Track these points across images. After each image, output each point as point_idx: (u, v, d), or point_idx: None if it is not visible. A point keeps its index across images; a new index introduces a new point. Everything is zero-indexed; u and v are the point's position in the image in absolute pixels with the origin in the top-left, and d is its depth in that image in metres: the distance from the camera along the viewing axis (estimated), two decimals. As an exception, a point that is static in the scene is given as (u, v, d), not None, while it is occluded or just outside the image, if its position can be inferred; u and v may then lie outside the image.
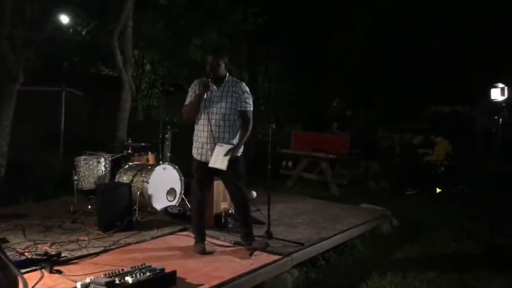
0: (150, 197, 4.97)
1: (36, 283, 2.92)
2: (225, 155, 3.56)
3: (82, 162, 5.10)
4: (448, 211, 6.35)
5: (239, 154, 3.75)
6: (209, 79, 3.60)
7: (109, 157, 5.30)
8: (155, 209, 5.02)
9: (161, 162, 5.37)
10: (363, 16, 11.04)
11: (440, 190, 7.55)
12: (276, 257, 3.64)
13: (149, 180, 4.96)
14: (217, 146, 3.59)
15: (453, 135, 8.25)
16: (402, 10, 10.88)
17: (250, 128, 3.74)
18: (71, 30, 9.81)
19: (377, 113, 12.36)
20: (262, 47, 11.21)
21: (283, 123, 10.90)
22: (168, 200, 5.18)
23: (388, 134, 9.10)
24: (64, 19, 8.14)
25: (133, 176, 5.07)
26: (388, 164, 8.43)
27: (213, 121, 3.63)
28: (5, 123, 5.72)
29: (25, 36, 5.92)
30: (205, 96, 3.59)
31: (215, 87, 3.67)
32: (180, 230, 4.34)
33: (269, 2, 9.78)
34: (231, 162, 3.64)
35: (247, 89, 3.76)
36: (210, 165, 3.60)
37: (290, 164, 8.46)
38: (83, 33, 10.22)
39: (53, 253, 3.44)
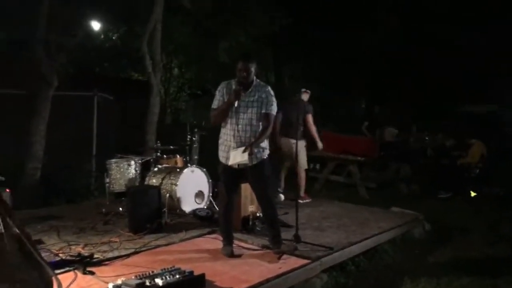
0: (178, 199, 5.03)
1: (70, 284, 2.99)
2: (243, 151, 3.55)
3: (113, 165, 5.21)
4: (482, 215, 6.13)
5: (265, 157, 3.73)
6: (240, 87, 3.60)
7: (139, 160, 5.40)
8: (184, 211, 5.07)
9: (189, 165, 5.43)
10: (391, 15, 10.83)
11: (475, 194, 7.30)
12: (305, 261, 3.61)
13: (177, 183, 5.02)
14: (231, 151, 3.62)
15: (483, 136, 7.97)
16: (431, 8, 10.61)
17: (270, 130, 3.72)
18: (102, 36, 10.09)
19: (406, 114, 12.08)
20: (288, 49, 11.17)
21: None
22: (196, 203, 5.22)
23: (419, 135, 8.86)
24: (95, 25, 8.39)
25: (162, 179, 5.14)
26: (419, 166, 8.21)
27: (239, 125, 3.63)
28: (40, 127, 5.91)
29: (58, 42, 6.12)
30: (235, 104, 3.60)
31: (242, 93, 3.67)
32: (208, 233, 4.36)
33: (294, 4, 9.75)
34: (258, 165, 3.64)
35: (272, 93, 3.77)
36: (231, 163, 3.61)
37: (317, 166, 8.38)
38: (114, 38, 10.50)
39: (86, 254, 3.53)
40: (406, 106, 11.42)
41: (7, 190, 4.16)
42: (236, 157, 3.56)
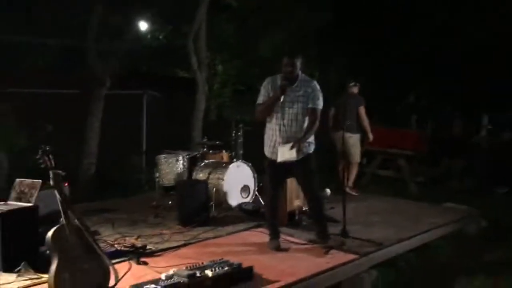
0: (225, 193, 5.11)
1: (125, 273, 3.12)
2: (291, 148, 3.55)
3: (162, 160, 5.38)
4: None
5: (310, 152, 3.71)
6: (286, 82, 3.60)
7: (186, 155, 5.53)
8: (230, 205, 5.15)
9: (234, 159, 5.50)
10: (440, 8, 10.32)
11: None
12: (353, 256, 3.55)
13: (224, 177, 5.10)
14: (279, 148, 3.61)
15: None
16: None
17: (317, 125, 3.70)
18: (149, 36, 10.40)
19: (459, 106, 11.52)
20: (333, 43, 10.97)
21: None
22: (242, 197, 5.28)
23: (472, 128, 8.45)
24: (143, 25, 8.67)
25: (209, 173, 5.25)
26: (473, 160, 7.81)
27: (285, 121, 3.63)
28: (95, 125, 6.24)
29: (109, 46, 6.41)
30: (281, 99, 3.60)
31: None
32: (255, 227, 4.40)
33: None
34: (304, 159, 3.63)
35: (318, 87, 3.73)
36: (279, 160, 3.61)
37: (364, 161, 8.20)
38: (160, 37, 10.79)
39: (139, 245, 3.67)
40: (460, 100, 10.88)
41: (66, 184, 4.42)
42: (285, 154, 3.57)
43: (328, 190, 5.50)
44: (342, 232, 3.98)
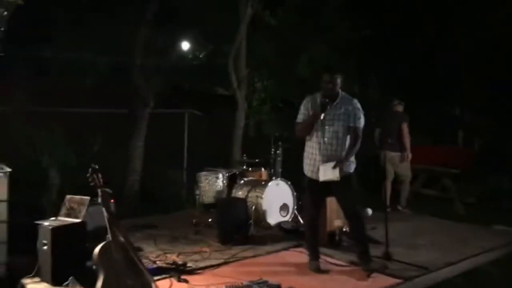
0: (264, 212, 5.11)
1: (167, 290, 3.19)
2: (334, 167, 3.51)
3: (203, 177, 5.48)
4: None
5: (351, 171, 3.66)
6: (327, 100, 3.59)
7: (226, 173, 5.60)
8: (269, 224, 5.13)
9: (273, 177, 5.50)
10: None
11: None
12: (397, 280, 3.44)
13: (263, 196, 5.11)
14: (320, 167, 3.58)
15: None
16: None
17: (359, 144, 3.67)
18: (190, 56, 10.73)
19: (505, 120, 10.98)
20: (372, 58, 10.84)
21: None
22: (282, 216, 5.26)
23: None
24: (185, 45, 8.96)
25: (248, 191, 5.27)
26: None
27: (326, 139, 3.61)
28: (139, 144, 6.47)
29: (154, 65, 6.67)
30: (322, 117, 3.59)
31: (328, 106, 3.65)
32: (294, 246, 4.37)
33: (377, 12, 9.46)
34: (344, 178, 3.58)
35: (359, 106, 3.70)
36: (322, 179, 3.57)
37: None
38: (201, 56, 11.10)
39: (180, 262, 3.73)
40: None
41: (112, 200, 4.59)
42: (327, 173, 3.54)
43: (369, 210, 5.38)
44: (385, 254, 3.87)
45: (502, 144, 8.52)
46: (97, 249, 2.82)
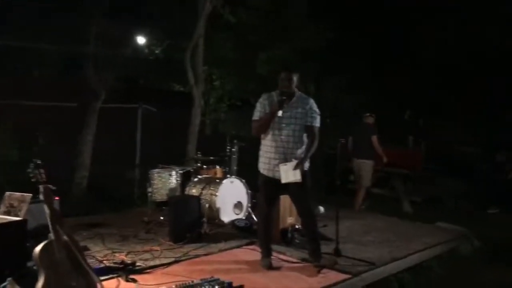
0: (218, 210, 5.07)
1: (113, 291, 3.07)
2: (295, 168, 3.54)
3: (155, 175, 5.34)
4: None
5: (305, 169, 3.70)
6: (284, 97, 3.60)
7: (180, 170, 5.50)
8: (223, 221, 5.10)
9: (228, 175, 5.47)
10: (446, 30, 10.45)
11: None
12: (346, 276, 3.52)
13: (217, 193, 5.07)
14: (281, 167, 3.59)
15: None
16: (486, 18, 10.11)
17: (316, 143, 3.71)
18: (146, 50, 10.47)
19: (454, 125, 11.61)
20: (332, 60, 11.08)
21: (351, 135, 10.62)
22: (235, 213, 5.24)
23: (467, 148, 8.50)
24: (141, 39, 8.73)
25: (202, 189, 5.21)
26: (467, 180, 7.84)
27: (282, 137, 3.63)
28: (88, 138, 6.20)
29: (107, 58, 6.42)
30: (279, 114, 3.60)
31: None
32: (247, 244, 4.36)
33: (341, 15, 9.67)
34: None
35: (315, 105, 3.75)
36: (284, 181, 3.58)
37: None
38: (157, 51, 10.85)
39: (128, 262, 3.61)
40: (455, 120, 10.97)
41: (56, 198, 4.37)
42: (289, 176, 3.55)
43: (321, 208, 5.48)
44: (335, 251, 3.95)
45: (449, 147, 9.00)
46: (37, 249, 2.66)
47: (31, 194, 3.47)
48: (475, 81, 10.86)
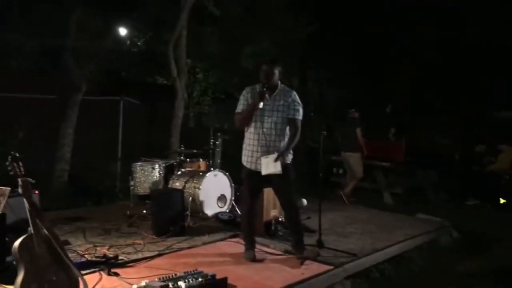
0: (201, 203, 5.06)
1: (95, 285, 3.04)
2: (275, 160, 3.55)
3: (138, 168, 5.29)
4: (513, 223, 5.92)
5: (288, 162, 3.72)
6: (265, 89, 3.60)
7: (163, 164, 5.46)
8: (206, 215, 5.10)
9: (212, 168, 5.46)
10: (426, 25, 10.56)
11: (504, 201, 7.05)
12: (328, 267, 3.56)
13: (200, 186, 5.05)
14: (262, 159, 3.60)
15: None
16: (465, 14, 10.28)
17: (298, 136, 3.72)
18: (128, 42, 10.31)
19: (434, 119, 11.82)
20: (314, 54, 11.11)
21: (333, 129, 10.71)
22: (219, 206, 5.24)
23: (447, 141, 8.66)
24: (122, 31, 8.58)
25: (186, 182, 5.19)
26: (447, 173, 8.01)
27: (264, 129, 3.63)
28: (69, 131, 6.09)
29: (87, 49, 6.30)
30: (260, 106, 3.60)
31: (267, 95, 3.67)
32: (231, 237, 4.37)
33: (322, 9, 9.69)
34: (282, 169, 3.62)
35: (298, 98, 3.75)
36: (264, 173, 3.59)
37: (341, 171, 8.29)
38: (139, 43, 10.70)
39: (111, 255, 3.58)
40: (435, 113, 11.16)
41: (35, 191, 4.29)
42: (269, 167, 3.56)
43: (304, 201, 5.52)
44: (318, 242, 4.00)
45: (429, 140, 9.14)
46: (17, 243, 2.61)
47: (9, 188, 3.39)
48: (456, 77, 11.07)
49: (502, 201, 7.08)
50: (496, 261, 4.49)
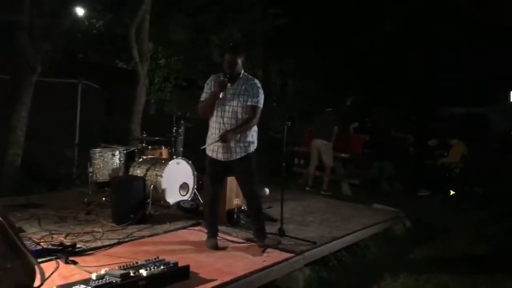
0: (163, 191, 5.00)
1: (52, 273, 2.95)
2: (218, 138, 3.57)
3: (97, 154, 5.14)
4: (462, 214, 6.29)
5: (251, 151, 3.74)
6: (226, 78, 3.58)
7: (123, 150, 5.34)
8: (168, 203, 5.05)
9: (174, 156, 5.39)
10: (390, 17, 10.85)
11: (454, 192, 7.47)
12: (289, 255, 3.64)
13: (162, 174, 4.99)
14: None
15: (467, 137, 8.16)
16: (426, 10, 10.68)
17: (254, 123, 3.68)
18: (86, 22, 9.89)
19: (390, 112, 12.24)
20: (278, 44, 11.16)
21: (295, 120, 10.85)
22: (181, 195, 5.20)
23: (401, 134, 9.01)
24: (80, 11, 8.21)
25: (147, 170, 5.10)
26: (401, 165, 8.36)
27: (225, 118, 3.62)
28: (22, 114, 5.78)
29: (43, 28, 5.98)
30: (220, 96, 3.59)
31: (229, 84, 3.65)
32: (193, 225, 4.36)
33: (291, 2, 9.72)
34: (243, 158, 3.66)
35: (259, 85, 3.74)
36: (204, 146, 3.65)
37: (302, 162, 8.44)
38: (97, 25, 10.29)
39: (68, 243, 3.47)
40: (391, 107, 11.57)
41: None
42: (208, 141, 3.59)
43: (266, 190, 5.59)
44: (279, 231, 4.07)
45: (385, 133, 9.48)
46: (-33, 230, 2.48)
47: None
48: (414, 73, 11.53)
49: (452, 192, 7.48)
50: (444, 249, 4.76)
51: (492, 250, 4.67)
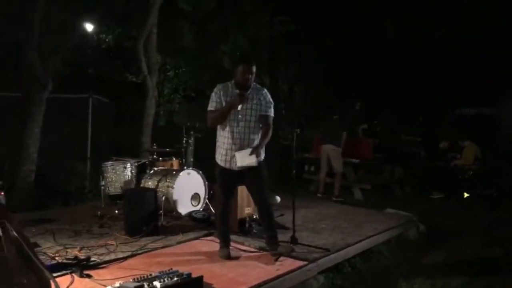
0: (175, 202, 5.03)
1: (68, 287, 2.98)
2: (250, 154, 3.58)
3: (109, 167, 5.20)
4: (476, 216, 6.21)
5: (261, 159, 3.75)
6: (244, 91, 3.61)
7: (135, 163, 5.39)
8: (180, 214, 5.07)
9: (185, 167, 5.42)
10: (392, 18, 10.83)
11: (467, 195, 7.38)
12: (302, 263, 3.62)
13: (174, 185, 5.01)
14: (236, 154, 3.62)
15: (478, 138, 8.08)
16: (428, 11, 10.64)
17: (270, 133, 3.76)
18: (95, 38, 10.06)
19: (400, 116, 12.18)
20: (283, 49, 11.19)
21: (303, 126, 10.85)
22: (193, 205, 5.22)
23: (412, 138, 8.95)
24: (89, 27, 8.35)
25: (158, 181, 5.14)
26: (412, 168, 8.29)
27: (238, 128, 3.65)
28: (35, 130, 5.87)
29: (52, 45, 6.09)
30: (239, 108, 3.60)
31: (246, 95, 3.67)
32: (205, 235, 4.37)
33: (290, 3, 9.76)
34: (255, 167, 3.66)
35: (269, 96, 3.80)
36: (239, 165, 3.61)
37: (312, 168, 8.42)
38: (107, 40, 10.47)
39: (82, 257, 3.51)
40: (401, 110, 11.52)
41: (2, 192, 4.14)
42: (244, 160, 3.58)
43: (278, 198, 5.58)
44: (292, 239, 4.06)
45: (396, 137, 9.44)
46: (-16, 246, 2.52)
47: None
48: (424, 77, 11.46)
49: (465, 195, 7.39)
50: (459, 253, 4.70)
51: (506, 252, 4.59)
